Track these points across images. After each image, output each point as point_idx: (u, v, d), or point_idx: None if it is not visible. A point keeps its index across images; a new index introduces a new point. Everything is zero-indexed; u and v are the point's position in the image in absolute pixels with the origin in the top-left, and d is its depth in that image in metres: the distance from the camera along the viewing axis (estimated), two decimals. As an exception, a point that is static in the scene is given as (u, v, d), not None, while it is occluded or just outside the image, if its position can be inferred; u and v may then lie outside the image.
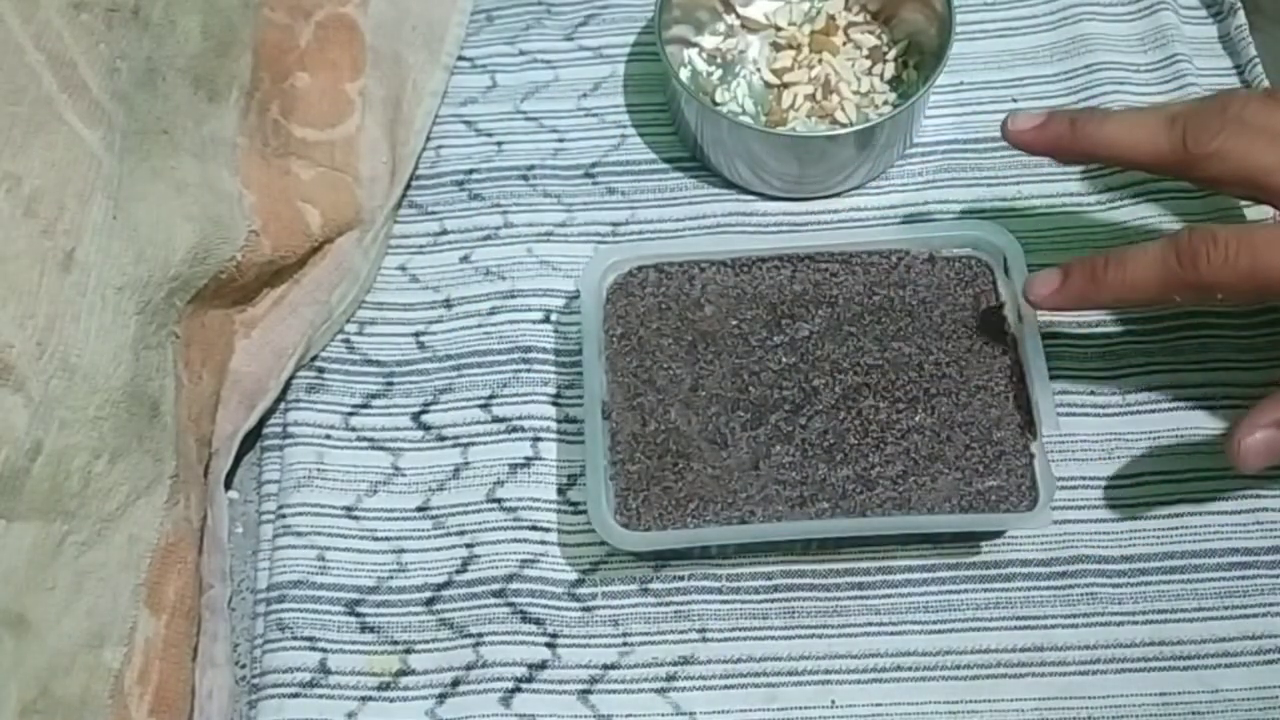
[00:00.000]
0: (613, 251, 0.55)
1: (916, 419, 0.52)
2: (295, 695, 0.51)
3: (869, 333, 0.54)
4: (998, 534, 0.53)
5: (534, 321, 0.59)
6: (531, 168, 0.63)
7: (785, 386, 0.53)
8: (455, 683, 0.51)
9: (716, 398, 0.53)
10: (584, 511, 0.54)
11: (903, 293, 0.55)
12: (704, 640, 0.51)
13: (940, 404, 0.52)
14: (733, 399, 0.53)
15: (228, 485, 0.55)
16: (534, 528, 0.54)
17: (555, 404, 0.57)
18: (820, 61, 0.64)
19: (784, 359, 0.53)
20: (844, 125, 0.62)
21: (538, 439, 0.56)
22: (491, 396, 0.57)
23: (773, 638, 0.51)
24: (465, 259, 0.61)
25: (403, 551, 0.54)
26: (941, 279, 0.55)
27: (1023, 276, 0.52)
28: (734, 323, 0.54)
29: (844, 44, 0.64)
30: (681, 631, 0.52)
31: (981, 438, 0.51)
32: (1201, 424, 0.55)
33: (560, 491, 0.55)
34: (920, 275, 0.55)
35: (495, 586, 0.53)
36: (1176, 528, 0.53)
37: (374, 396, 0.58)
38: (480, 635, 0.52)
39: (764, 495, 0.51)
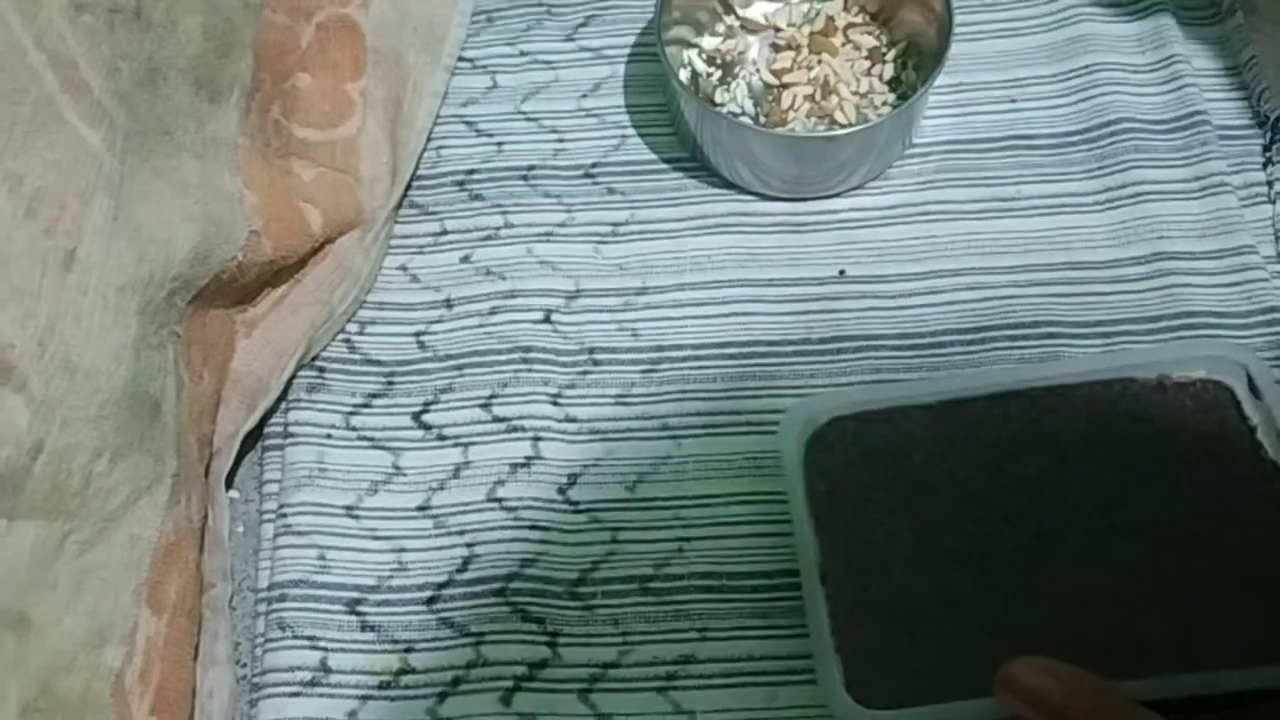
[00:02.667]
0: (807, 405, 0.51)
1: (1184, 563, 0.46)
2: (296, 694, 0.51)
3: (1105, 470, 0.48)
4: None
5: (534, 321, 0.59)
6: (532, 168, 0.64)
7: (1019, 535, 0.47)
8: (456, 681, 0.51)
9: (943, 552, 0.47)
10: (584, 510, 0.54)
11: (1135, 425, 0.49)
12: (704, 639, 0.51)
13: (1203, 544, 0.46)
14: (962, 553, 0.47)
15: (229, 485, 0.55)
16: (534, 527, 0.54)
17: (555, 404, 0.57)
18: (819, 62, 0.64)
19: (1012, 504, 0.48)
20: (843, 126, 0.62)
21: (538, 439, 0.56)
22: (492, 396, 0.57)
23: (773, 637, 0.51)
24: (466, 259, 0.61)
25: (403, 551, 0.54)
26: (1177, 406, 0.49)
27: (1276, 394, 0.48)
28: (949, 468, 0.49)
29: (843, 45, 0.65)
30: (682, 630, 0.52)
31: (1265, 578, 0.45)
32: None
33: (560, 491, 0.55)
34: (1152, 405, 0.49)
35: (496, 585, 0.53)
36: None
37: (375, 396, 0.58)
38: (481, 634, 0.52)
39: None
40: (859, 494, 0.49)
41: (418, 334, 0.59)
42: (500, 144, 0.65)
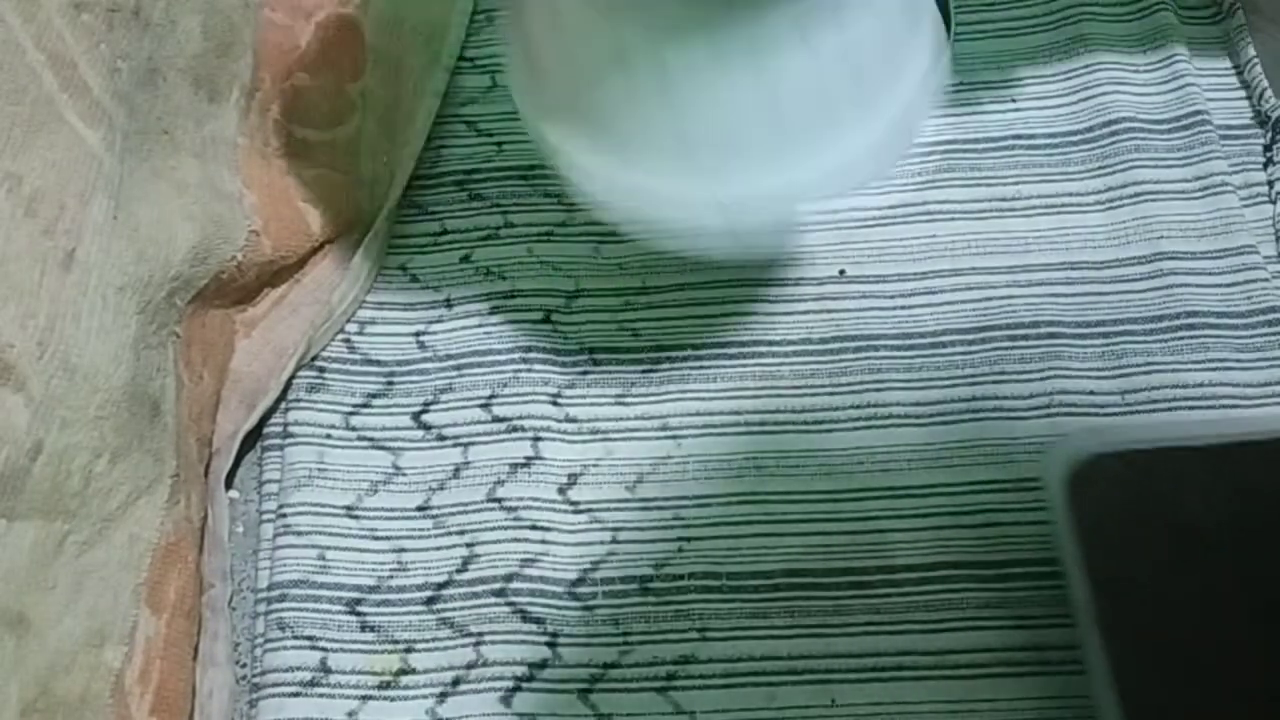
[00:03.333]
0: (1069, 442, 0.47)
1: None
2: (296, 694, 0.51)
3: None
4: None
5: (534, 321, 0.59)
6: (532, 168, 0.63)
7: None
8: (456, 682, 0.51)
9: (1229, 607, 0.43)
10: (585, 510, 0.54)
11: None
12: (704, 639, 0.51)
13: None
14: (1249, 609, 0.43)
15: (228, 485, 0.55)
16: (534, 527, 0.54)
17: (555, 404, 0.57)
18: (820, 62, 0.64)
19: None
20: (844, 125, 0.62)
21: (538, 439, 0.56)
22: (492, 396, 0.57)
23: (773, 637, 0.51)
24: (466, 259, 0.61)
25: (403, 551, 0.54)
26: None
27: None
28: (1230, 517, 0.45)
29: (844, 44, 0.64)
30: (682, 630, 0.52)
31: None
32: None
33: (560, 491, 0.55)
34: None
35: (496, 586, 0.53)
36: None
37: (374, 396, 0.58)
38: (481, 634, 0.52)
39: None
40: (1130, 541, 0.45)
41: (417, 334, 0.59)
42: (500, 144, 0.64)
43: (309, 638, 0.52)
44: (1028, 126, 0.63)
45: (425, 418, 0.57)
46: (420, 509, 0.55)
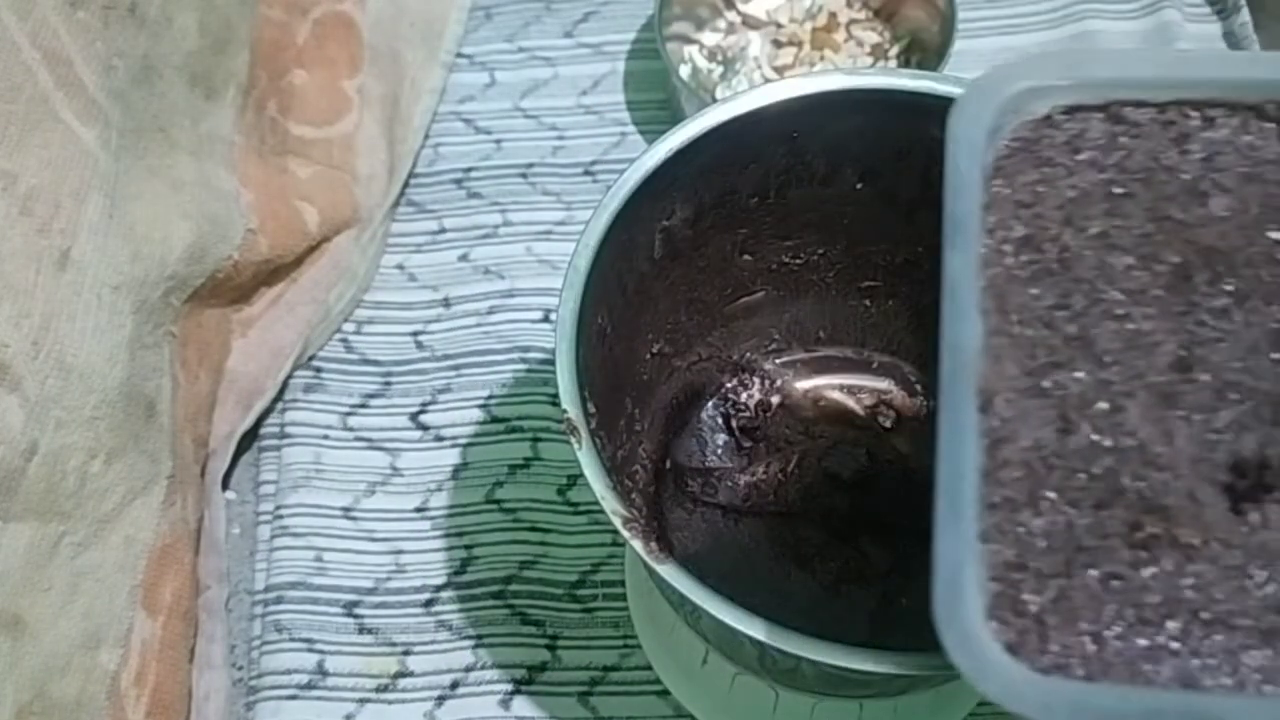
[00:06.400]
0: (1016, 73, 0.29)
1: None
2: (293, 697, 0.51)
3: None
4: None
5: (533, 321, 0.58)
6: (531, 165, 0.63)
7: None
8: (454, 685, 0.51)
9: (1236, 391, 0.27)
10: (584, 512, 0.54)
11: None
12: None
13: None
14: (1270, 395, 0.27)
15: (225, 486, 0.55)
16: (533, 529, 0.54)
17: (555, 404, 0.56)
18: (822, 58, 0.63)
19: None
20: (845, 123, 0.61)
21: (537, 439, 0.55)
22: (490, 396, 0.57)
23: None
24: (464, 257, 0.61)
25: (401, 553, 0.54)
26: None
27: None
28: (1271, 234, 0.28)
29: (845, 41, 0.64)
30: (682, 633, 0.51)
31: None
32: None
33: (560, 492, 0.54)
34: None
35: (494, 588, 0.52)
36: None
37: (372, 396, 0.57)
38: (479, 637, 0.51)
39: None
40: (1088, 257, 0.29)
41: (415, 333, 0.59)
42: (499, 141, 0.64)
43: (306, 640, 0.52)
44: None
45: (423, 418, 0.57)
46: (418, 510, 0.55)
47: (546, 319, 0.58)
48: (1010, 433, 0.27)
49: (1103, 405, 0.27)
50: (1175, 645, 0.25)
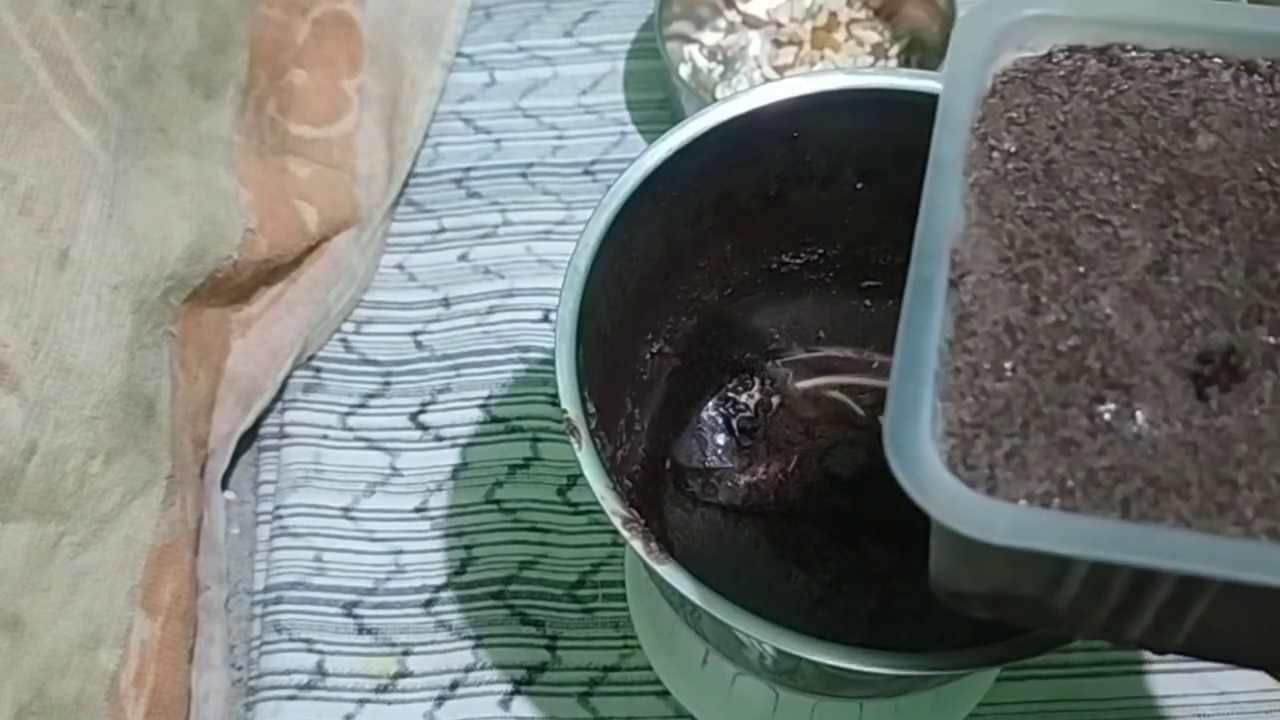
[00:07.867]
0: (1015, 3, 0.32)
1: None
2: (292, 698, 0.51)
3: None
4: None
5: (533, 321, 0.58)
6: (530, 165, 0.63)
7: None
8: (454, 685, 0.51)
9: (1205, 294, 0.29)
10: (584, 512, 0.54)
11: None
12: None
13: None
14: (1240, 303, 0.29)
15: (224, 486, 0.55)
16: (533, 529, 0.54)
17: (555, 404, 0.56)
18: (822, 58, 0.63)
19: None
20: (845, 123, 0.61)
21: (537, 439, 0.55)
22: (490, 396, 0.57)
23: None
24: (463, 257, 0.61)
25: (400, 553, 0.54)
26: None
27: None
28: (1256, 169, 0.30)
29: (846, 40, 0.64)
30: (682, 633, 0.51)
31: None
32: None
33: (560, 492, 0.54)
34: None
35: (494, 588, 0.52)
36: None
37: (371, 396, 0.57)
38: (479, 637, 0.51)
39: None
40: (1075, 171, 0.31)
41: (415, 333, 0.59)
42: (499, 141, 0.64)
43: (306, 640, 0.52)
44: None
45: (423, 418, 0.57)
46: (418, 510, 0.55)
47: (546, 319, 0.58)
48: (979, 309, 0.29)
49: (1074, 291, 0.29)
50: (1120, 509, 0.26)
